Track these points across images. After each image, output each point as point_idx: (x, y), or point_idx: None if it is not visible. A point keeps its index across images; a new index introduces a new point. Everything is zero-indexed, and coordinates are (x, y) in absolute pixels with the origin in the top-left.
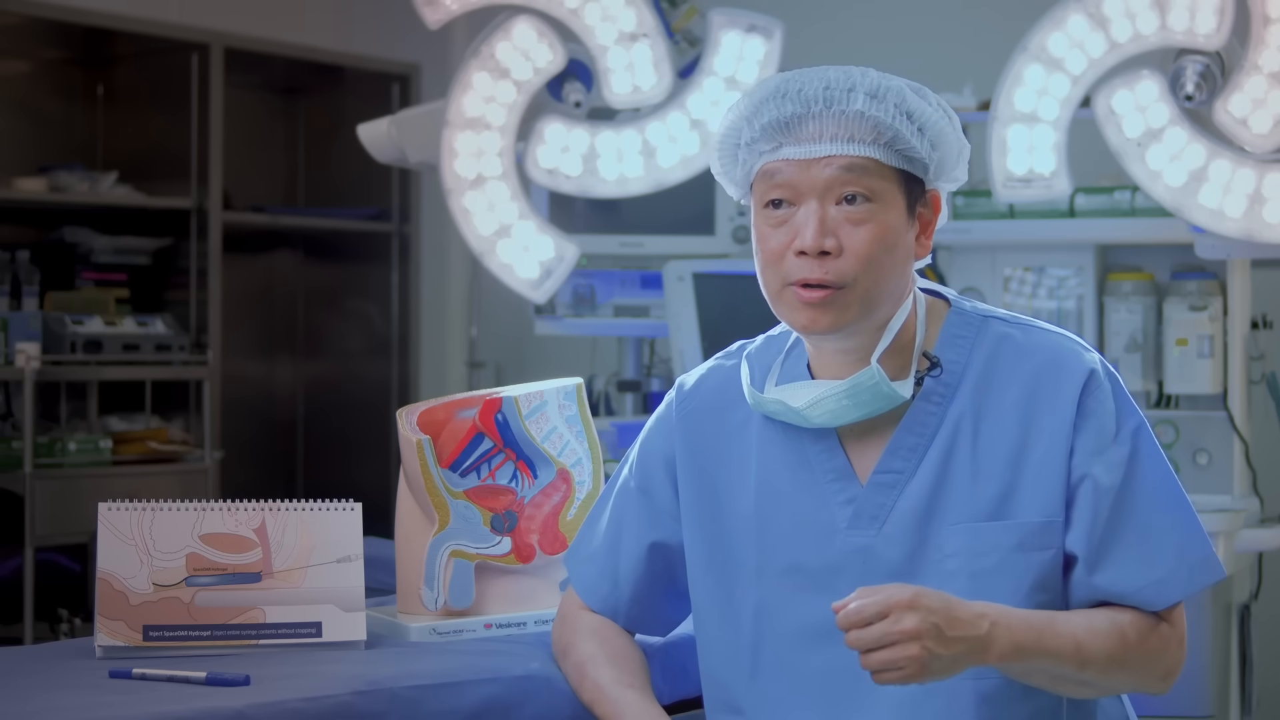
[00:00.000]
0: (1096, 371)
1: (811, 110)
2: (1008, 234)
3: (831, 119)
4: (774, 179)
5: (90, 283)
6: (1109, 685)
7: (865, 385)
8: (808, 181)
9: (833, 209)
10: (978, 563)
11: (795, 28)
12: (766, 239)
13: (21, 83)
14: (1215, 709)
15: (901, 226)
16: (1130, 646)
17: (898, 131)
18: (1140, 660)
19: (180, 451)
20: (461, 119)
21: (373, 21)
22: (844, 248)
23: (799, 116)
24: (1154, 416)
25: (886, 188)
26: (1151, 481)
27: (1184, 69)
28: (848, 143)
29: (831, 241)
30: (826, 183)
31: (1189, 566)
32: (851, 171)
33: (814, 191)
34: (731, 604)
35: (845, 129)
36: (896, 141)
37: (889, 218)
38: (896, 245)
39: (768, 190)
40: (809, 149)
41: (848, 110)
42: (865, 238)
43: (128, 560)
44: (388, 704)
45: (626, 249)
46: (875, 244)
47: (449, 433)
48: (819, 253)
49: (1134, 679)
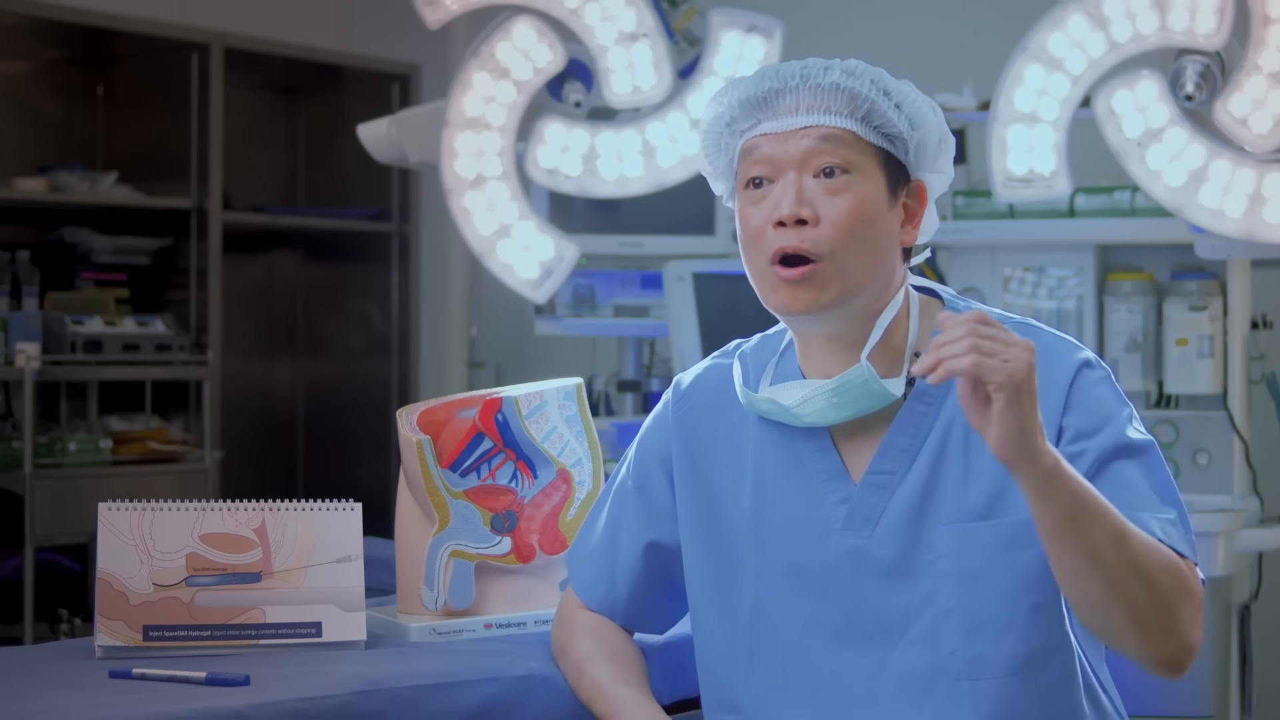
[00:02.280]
0: (1089, 361)
1: (788, 85)
2: (1008, 234)
3: (808, 92)
4: (752, 155)
5: (90, 283)
6: (1135, 597)
7: (855, 383)
8: (785, 154)
9: (810, 180)
10: (969, 562)
11: (795, 28)
12: (748, 218)
13: (21, 83)
14: (1215, 709)
15: (881, 203)
16: (1165, 557)
17: (874, 104)
18: (1168, 585)
19: (180, 451)
20: (461, 119)
21: (373, 21)
22: (821, 217)
23: (775, 91)
24: (1154, 416)
25: (864, 162)
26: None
27: (1184, 69)
28: (823, 114)
29: (808, 210)
30: (804, 154)
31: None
32: (828, 142)
33: (791, 164)
34: (728, 603)
35: (821, 101)
36: (873, 116)
37: (867, 190)
38: (875, 220)
39: (748, 169)
40: (785, 122)
41: (823, 83)
42: (842, 208)
43: (128, 560)
44: (388, 704)
45: (626, 249)
46: (852, 215)
47: (449, 433)
48: (796, 221)
49: (1156, 606)
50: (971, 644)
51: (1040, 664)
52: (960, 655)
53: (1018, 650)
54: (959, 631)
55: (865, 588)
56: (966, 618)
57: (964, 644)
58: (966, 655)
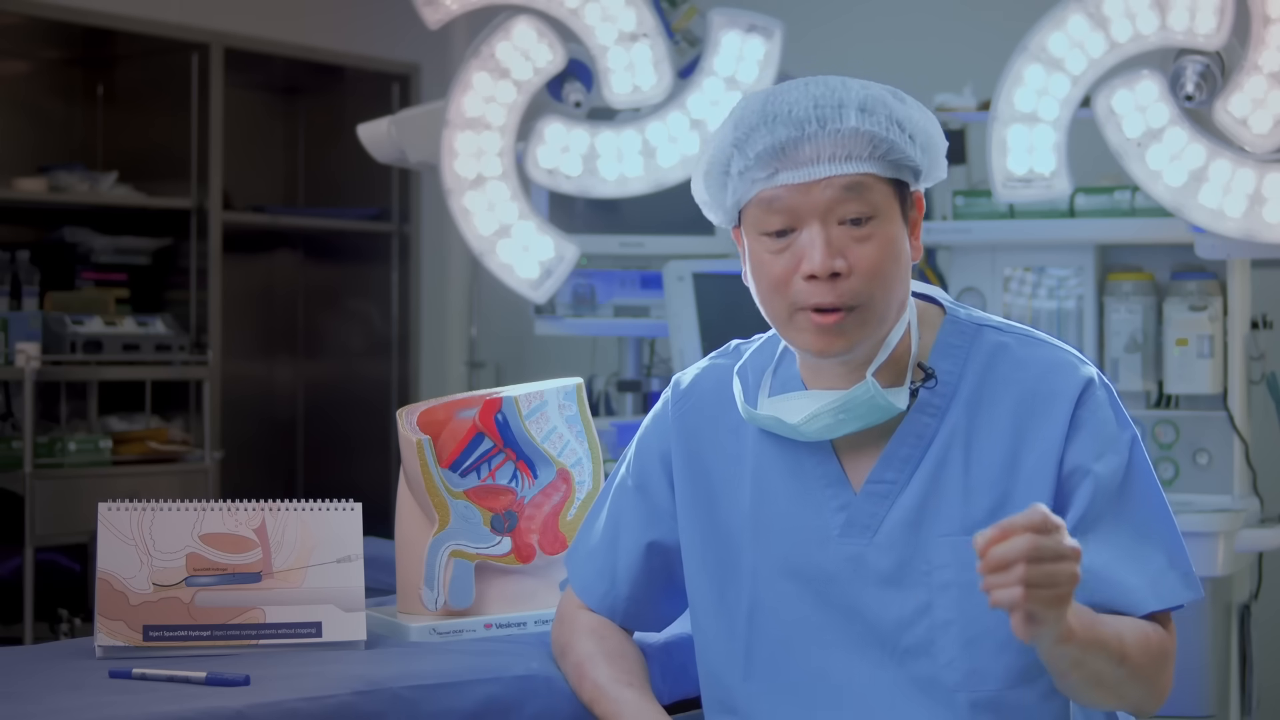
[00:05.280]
0: (1093, 382)
1: (805, 132)
2: (1008, 234)
3: (827, 139)
4: (772, 205)
5: (90, 283)
6: (1129, 693)
7: (861, 399)
8: (809, 205)
9: (835, 229)
10: (969, 575)
11: (795, 28)
12: (768, 265)
13: (21, 83)
14: (1215, 709)
15: (901, 236)
16: (1153, 650)
17: (893, 143)
18: (1157, 667)
19: (180, 451)
20: (461, 119)
21: (373, 21)
22: (853, 267)
23: (794, 140)
24: (1154, 416)
25: (885, 201)
26: (1144, 493)
27: (1184, 69)
28: (845, 161)
29: (841, 263)
30: (828, 204)
31: (1180, 575)
32: (852, 191)
33: (815, 214)
34: (725, 602)
35: (843, 148)
36: (891, 153)
37: (891, 230)
38: (900, 255)
39: (766, 218)
40: (807, 172)
41: (842, 129)
42: (872, 254)
43: (128, 560)
44: (388, 704)
45: (626, 249)
46: (883, 259)
47: (449, 433)
48: (829, 275)
49: (1146, 689)
50: (969, 656)
51: (1037, 676)
52: (958, 666)
53: (1015, 663)
54: (957, 643)
55: (863, 595)
56: (964, 629)
57: (962, 655)
58: (964, 667)
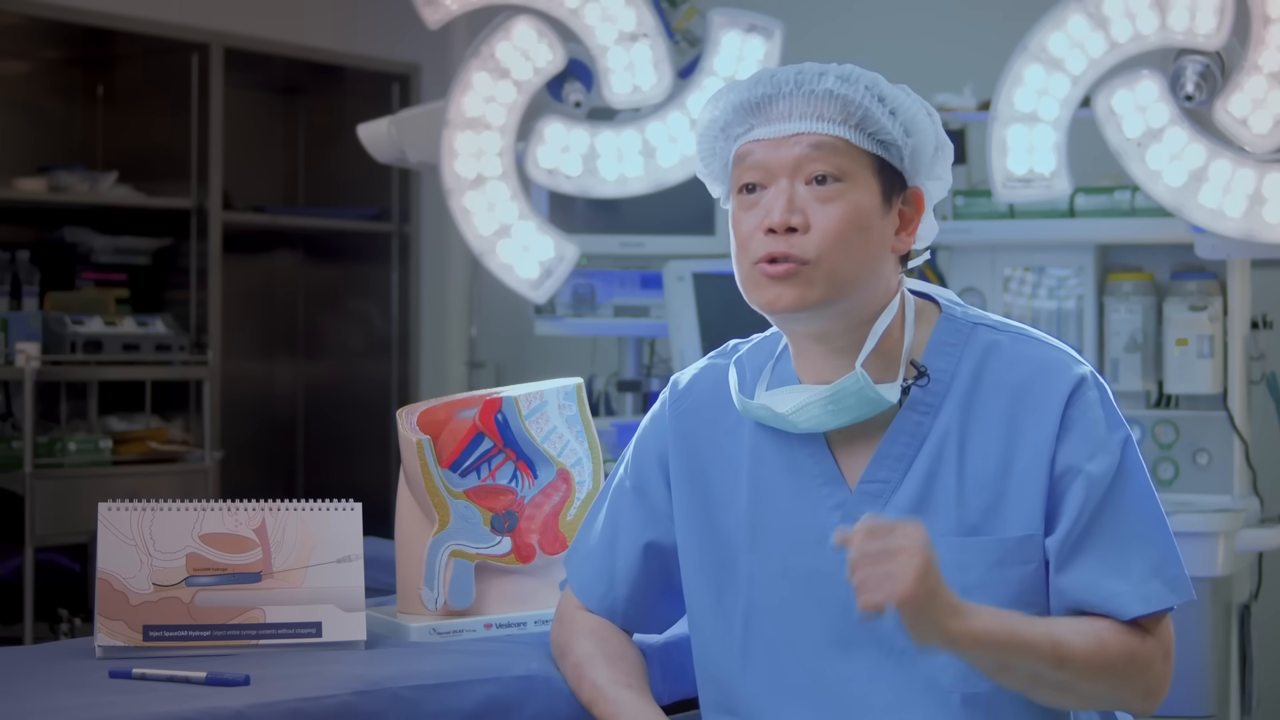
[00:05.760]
0: (1085, 379)
1: (781, 90)
2: (1008, 234)
3: (801, 98)
4: (746, 161)
5: (90, 283)
6: (1091, 694)
7: (850, 390)
8: (777, 160)
9: (802, 188)
10: (963, 576)
11: (795, 28)
12: (739, 223)
13: (21, 83)
14: (1215, 709)
15: (874, 211)
16: (1110, 653)
17: (868, 111)
18: (1122, 671)
19: (180, 451)
20: (461, 119)
21: (373, 21)
22: (811, 224)
23: (769, 96)
24: (1154, 416)
25: (857, 170)
26: (1134, 494)
27: (1184, 69)
28: (816, 121)
29: (799, 218)
30: (796, 161)
31: (1165, 580)
32: (820, 149)
33: (784, 170)
34: (723, 603)
35: (814, 108)
36: (867, 123)
37: (859, 198)
38: (868, 228)
39: (741, 174)
40: (778, 128)
41: (817, 89)
42: (834, 215)
43: (128, 560)
44: (388, 704)
45: (626, 249)
46: (844, 222)
47: (449, 433)
48: (786, 229)
49: (1116, 691)
50: None
51: None
52: (953, 665)
53: None
54: None
55: None
56: None
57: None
58: (960, 665)
